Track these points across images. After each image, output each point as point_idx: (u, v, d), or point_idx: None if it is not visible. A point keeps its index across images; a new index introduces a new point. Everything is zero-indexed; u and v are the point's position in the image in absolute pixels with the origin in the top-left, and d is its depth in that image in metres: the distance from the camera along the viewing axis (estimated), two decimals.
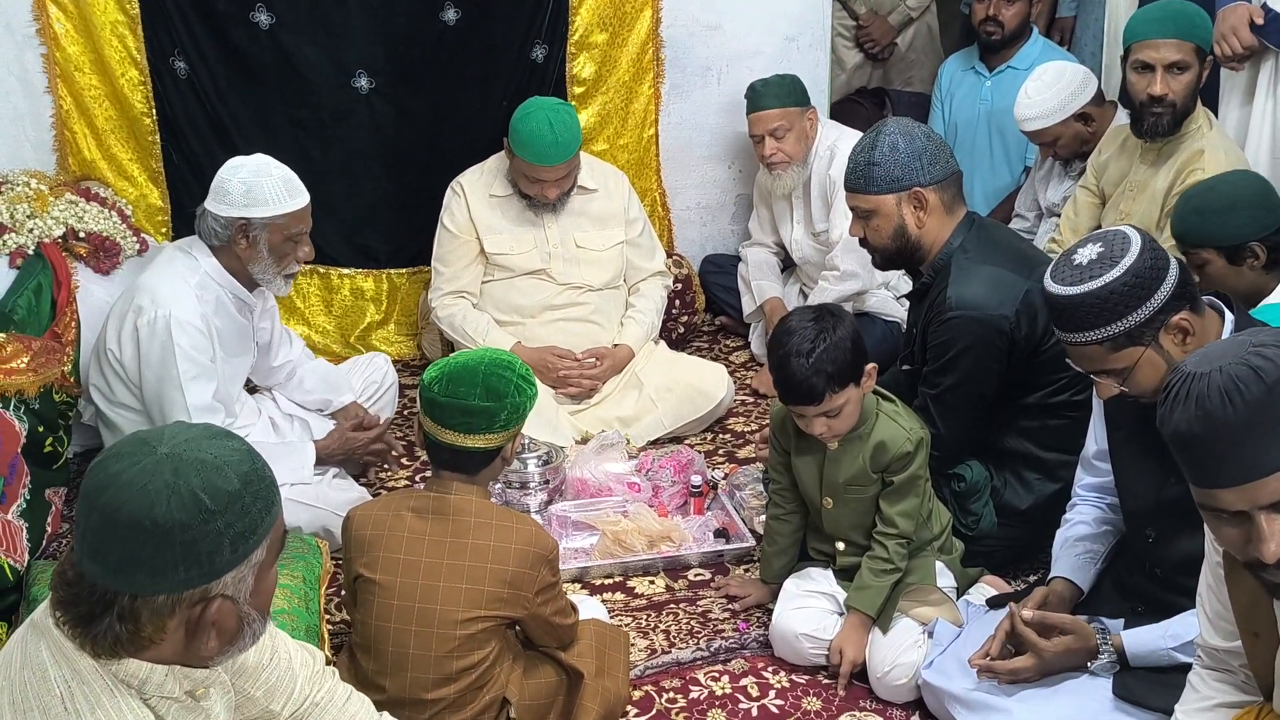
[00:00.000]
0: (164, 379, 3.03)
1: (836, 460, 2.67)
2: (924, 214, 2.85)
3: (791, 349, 2.53)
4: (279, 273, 3.13)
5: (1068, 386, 2.83)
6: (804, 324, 2.56)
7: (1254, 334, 1.62)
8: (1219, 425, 1.55)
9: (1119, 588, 2.52)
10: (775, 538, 2.88)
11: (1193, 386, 1.57)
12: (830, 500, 2.72)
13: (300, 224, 3.08)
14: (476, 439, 2.39)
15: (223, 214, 3.03)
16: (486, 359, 2.43)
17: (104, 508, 1.41)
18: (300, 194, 3.07)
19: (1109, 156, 3.66)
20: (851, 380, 2.56)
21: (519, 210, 3.95)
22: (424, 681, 2.34)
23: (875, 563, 2.66)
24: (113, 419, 3.19)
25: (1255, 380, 1.53)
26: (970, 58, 4.84)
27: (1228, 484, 1.58)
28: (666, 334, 4.30)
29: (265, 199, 3.02)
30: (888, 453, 2.63)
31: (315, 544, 2.93)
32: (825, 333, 2.53)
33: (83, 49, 3.96)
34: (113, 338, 3.11)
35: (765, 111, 4.09)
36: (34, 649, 1.48)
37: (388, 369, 3.83)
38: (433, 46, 4.18)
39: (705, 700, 2.66)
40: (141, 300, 3.05)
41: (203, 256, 3.09)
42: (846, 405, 2.57)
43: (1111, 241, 2.17)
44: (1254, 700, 1.95)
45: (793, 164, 4.12)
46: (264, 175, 3.03)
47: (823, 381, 2.51)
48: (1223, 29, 3.48)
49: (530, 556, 2.38)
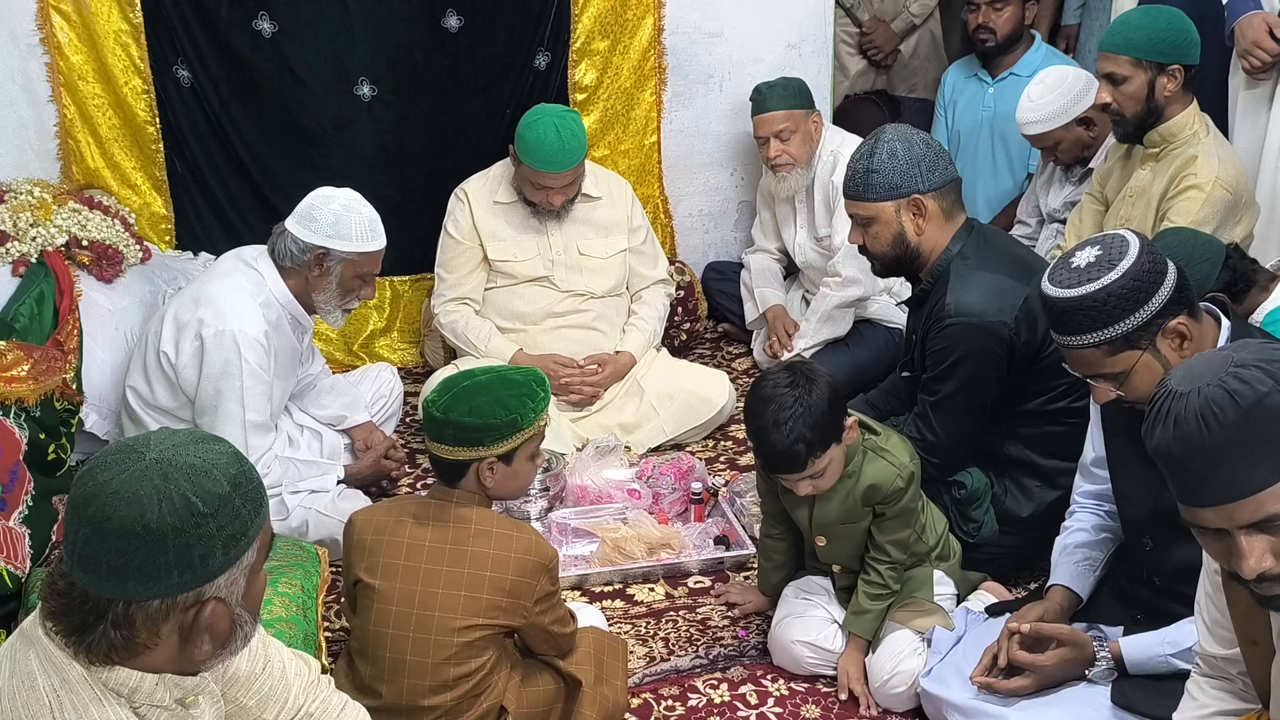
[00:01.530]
0: (223, 392, 3.06)
1: (826, 500, 2.62)
2: (923, 221, 2.85)
3: (769, 420, 2.46)
4: (339, 305, 3.20)
5: (1067, 393, 2.82)
6: (779, 391, 2.48)
7: (1239, 348, 1.62)
8: (1195, 447, 1.56)
9: (1118, 595, 2.51)
10: (771, 554, 2.87)
11: (1173, 405, 1.58)
12: (823, 539, 2.69)
13: (373, 265, 3.17)
14: (442, 449, 2.39)
15: (305, 239, 3.08)
16: (490, 379, 2.43)
17: (94, 516, 1.41)
18: (380, 237, 3.16)
19: (1113, 164, 3.67)
20: (833, 440, 2.51)
21: (523, 217, 3.95)
22: (421, 688, 2.34)
23: (870, 588, 2.65)
24: (143, 418, 3.21)
25: (1230, 405, 1.53)
26: (973, 64, 4.83)
27: (1207, 503, 1.58)
28: (669, 341, 4.30)
29: (350, 235, 3.09)
30: (879, 493, 2.59)
31: (315, 552, 2.93)
32: (801, 399, 2.45)
33: (86, 58, 3.97)
34: (168, 341, 3.12)
35: (771, 113, 4.09)
36: (23, 657, 1.48)
37: (395, 381, 3.86)
38: (435, 54, 4.19)
39: (704, 708, 2.65)
40: (208, 311, 3.07)
41: (269, 274, 3.13)
42: (830, 465, 2.53)
43: (1110, 244, 2.17)
44: (1252, 708, 1.94)
45: (797, 166, 4.12)
46: (354, 211, 3.11)
47: (804, 449, 2.45)
48: (1244, 44, 3.54)
49: (530, 565, 2.37)
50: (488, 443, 2.37)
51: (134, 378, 3.24)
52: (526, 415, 2.41)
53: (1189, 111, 3.37)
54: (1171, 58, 3.30)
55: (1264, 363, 1.55)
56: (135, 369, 3.25)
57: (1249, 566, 1.58)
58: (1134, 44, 3.32)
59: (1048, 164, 4.13)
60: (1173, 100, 3.34)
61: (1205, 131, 3.39)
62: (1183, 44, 3.32)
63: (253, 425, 3.07)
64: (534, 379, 2.47)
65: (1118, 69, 3.35)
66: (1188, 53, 3.32)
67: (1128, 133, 3.46)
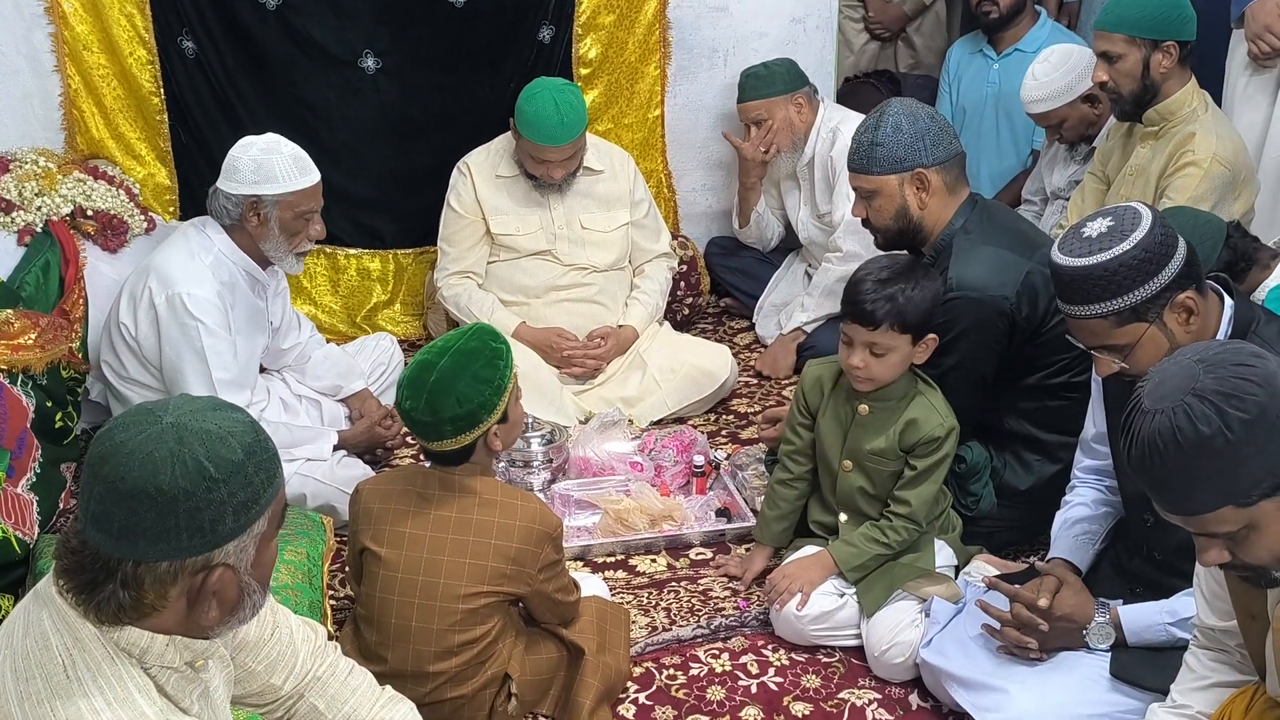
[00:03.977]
0: (183, 355, 3.06)
1: (864, 426, 2.70)
2: (926, 195, 2.85)
3: (874, 271, 2.65)
4: (290, 250, 3.16)
5: (1068, 368, 2.84)
6: (899, 261, 2.68)
7: (1213, 363, 1.65)
8: (1144, 468, 1.66)
9: (1118, 570, 2.52)
10: (778, 502, 2.90)
11: (1134, 421, 1.67)
12: (850, 463, 2.73)
13: (311, 201, 3.11)
14: (445, 444, 2.40)
15: (234, 192, 3.06)
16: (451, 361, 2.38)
17: (108, 475, 1.43)
18: (310, 171, 3.10)
19: (1114, 143, 3.67)
20: (911, 331, 2.60)
21: (525, 191, 3.96)
22: (425, 654, 2.36)
23: (874, 532, 2.70)
24: (124, 394, 3.23)
25: (1173, 444, 1.61)
26: (978, 40, 4.82)
27: (1160, 509, 1.71)
28: (671, 315, 4.31)
29: (276, 176, 3.05)
30: (918, 432, 2.66)
31: (319, 521, 2.95)
32: (914, 278, 2.63)
33: (91, 28, 3.96)
34: (127, 314, 3.14)
35: (747, 103, 4.16)
36: (36, 618, 1.50)
37: (394, 349, 3.87)
38: (440, 27, 4.17)
39: (705, 677, 2.68)
40: (157, 279, 3.08)
41: (216, 235, 3.12)
42: (893, 354, 2.62)
43: (1122, 216, 2.16)
44: (1250, 680, 1.96)
45: (782, 150, 4.15)
46: (274, 153, 3.06)
47: (885, 310, 2.58)
48: (1255, 28, 3.52)
49: (534, 534, 2.39)
50: (484, 417, 2.39)
51: (105, 353, 3.26)
52: (504, 374, 2.42)
53: (1187, 89, 3.37)
54: (1166, 34, 3.30)
55: (1221, 396, 1.60)
56: (105, 345, 3.27)
57: (1202, 561, 1.72)
58: (1128, 21, 3.33)
59: (1052, 143, 4.13)
60: (1169, 77, 3.34)
61: (1204, 108, 3.38)
62: (1177, 20, 3.31)
63: (221, 383, 3.06)
64: (485, 336, 2.43)
65: (1112, 47, 3.35)
66: (1182, 28, 3.31)
67: (1126, 111, 3.46)
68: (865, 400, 2.72)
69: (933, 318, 2.63)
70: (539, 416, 3.45)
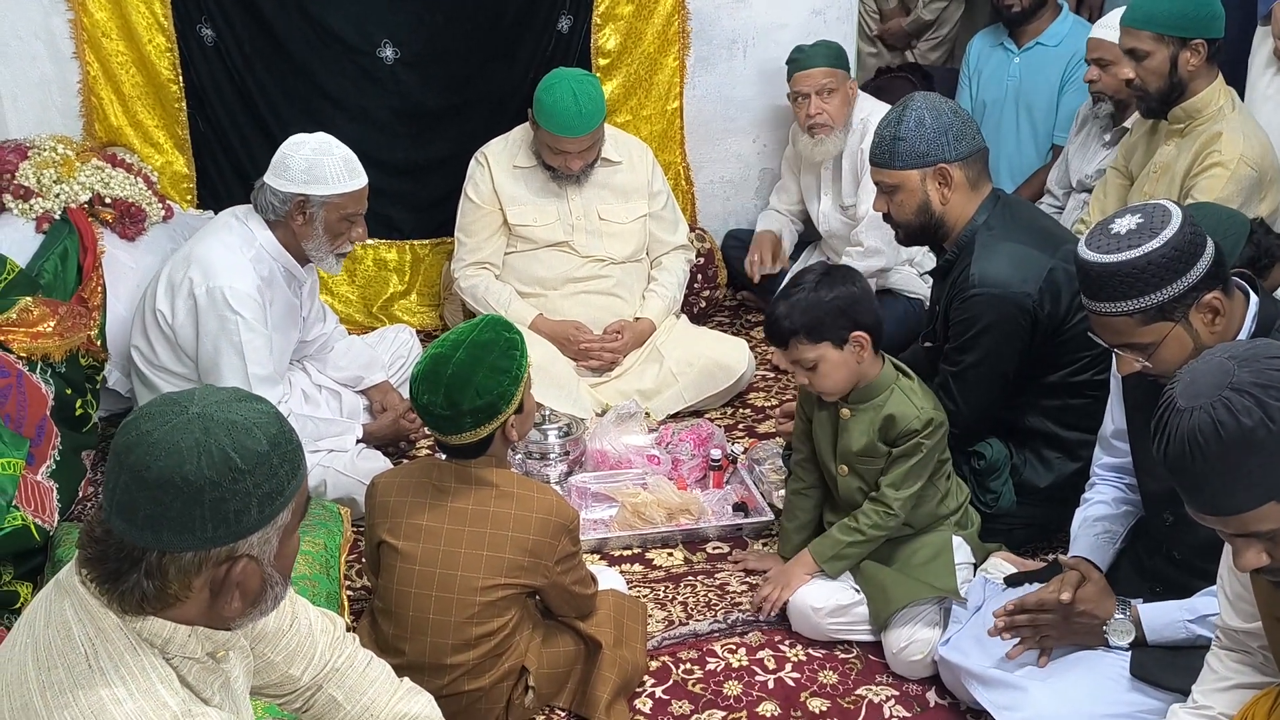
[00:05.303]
0: (222, 349, 3.07)
1: (848, 429, 2.70)
2: (948, 190, 2.84)
3: (784, 291, 2.67)
4: (331, 251, 3.18)
5: (1090, 366, 2.82)
6: (809, 274, 2.66)
7: (1245, 359, 1.64)
8: (1182, 467, 1.65)
9: (1138, 569, 2.51)
10: (796, 512, 2.89)
11: (1169, 420, 1.65)
12: (845, 468, 2.73)
13: (357, 204, 3.13)
14: (463, 437, 2.39)
15: (282, 189, 3.07)
16: (466, 355, 2.38)
17: (134, 465, 1.42)
18: (359, 175, 3.12)
19: (1138, 139, 3.64)
20: (827, 339, 2.59)
21: (543, 182, 3.95)
22: (443, 647, 2.36)
23: (851, 520, 2.71)
24: (153, 380, 3.23)
25: (1214, 438, 1.60)
26: (999, 34, 4.79)
27: (1197, 510, 1.68)
28: (688, 308, 4.30)
29: (326, 177, 3.06)
30: (895, 427, 2.65)
31: (337, 511, 2.95)
32: (819, 288, 2.61)
33: (110, 15, 3.97)
34: (164, 301, 3.14)
35: (813, 70, 4.07)
36: (58, 607, 1.49)
37: (413, 341, 3.88)
38: (458, 17, 4.17)
39: (722, 672, 2.67)
40: (199, 269, 3.08)
41: (258, 229, 3.13)
42: (823, 364, 2.61)
43: (1151, 213, 2.14)
44: (1273, 681, 1.95)
45: (835, 129, 4.10)
46: (326, 154, 3.08)
47: (788, 327, 2.60)
48: None
49: (551, 526, 2.39)
50: (502, 408, 2.39)
51: (136, 338, 3.26)
52: (520, 364, 2.42)
53: (1214, 86, 3.34)
54: (1194, 32, 3.27)
55: (1259, 388, 1.59)
56: (137, 330, 3.27)
57: (1240, 564, 1.69)
58: (1156, 18, 3.29)
59: (1082, 129, 4.08)
60: (1196, 75, 3.31)
61: (1230, 107, 3.35)
62: (1206, 17, 3.28)
63: (257, 378, 3.07)
64: (499, 326, 2.44)
65: (1139, 44, 3.32)
66: (1211, 25, 3.28)
67: (1151, 108, 3.43)
68: (845, 404, 2.72)
69: (849, 315, 2.59)
70: (556, 409, 3.45)
